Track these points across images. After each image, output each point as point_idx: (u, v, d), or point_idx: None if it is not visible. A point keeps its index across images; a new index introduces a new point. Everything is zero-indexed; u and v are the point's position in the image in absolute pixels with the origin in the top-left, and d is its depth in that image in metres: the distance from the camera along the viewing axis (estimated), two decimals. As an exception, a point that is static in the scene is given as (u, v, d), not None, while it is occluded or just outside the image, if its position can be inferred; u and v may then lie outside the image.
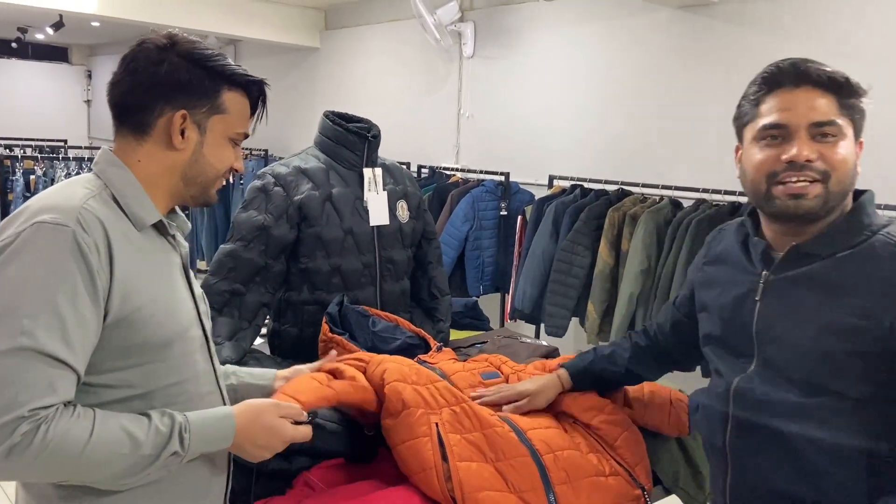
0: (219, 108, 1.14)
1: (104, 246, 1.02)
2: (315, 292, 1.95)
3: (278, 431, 1.17)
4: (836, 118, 1.16)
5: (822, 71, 1.18)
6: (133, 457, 1.00)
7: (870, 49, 3.16)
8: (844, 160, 1.15)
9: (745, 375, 1.23)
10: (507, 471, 1.38)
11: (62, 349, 0.96)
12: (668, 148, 3.97)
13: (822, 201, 1.15)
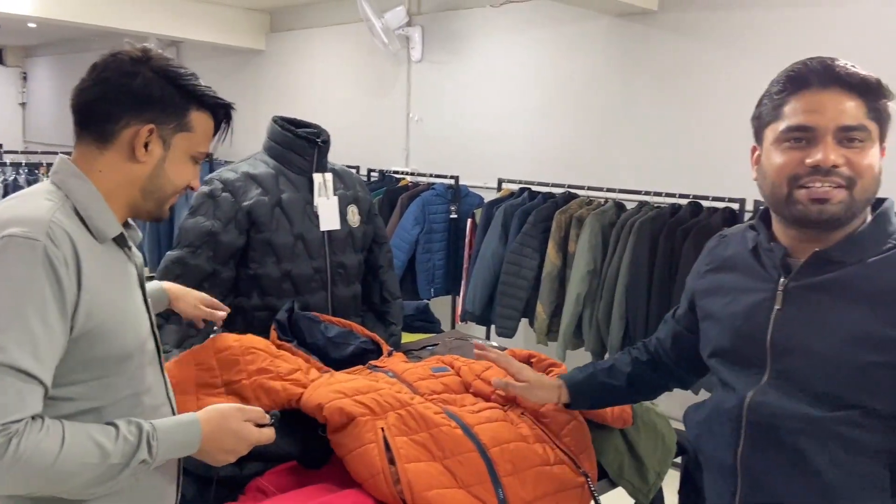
0: (185, 126, 1.15)
1: (73, 260, 1.02)
2: (265, 298, 1.95)
3: (244, 435, 1.18)
4: (865, 122, 1.10)
5: (852, 72, 1.11)
6: (102, 466, 1.01)
7: (801, 56, 3.30)
8: (871, 167, 1.10)
9: (760, 388, 1.17)
10: (454, 467, 1.41)
11: (32, 363, 0.96)
12: (611, 151, 4.07)
13: (845, 207, 1.10)
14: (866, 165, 1.10)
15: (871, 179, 1.11)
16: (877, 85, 1.12)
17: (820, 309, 1.13)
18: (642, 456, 1.72)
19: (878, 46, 3.10)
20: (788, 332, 1.15)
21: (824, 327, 1.11)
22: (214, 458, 1.17)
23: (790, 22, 3.34)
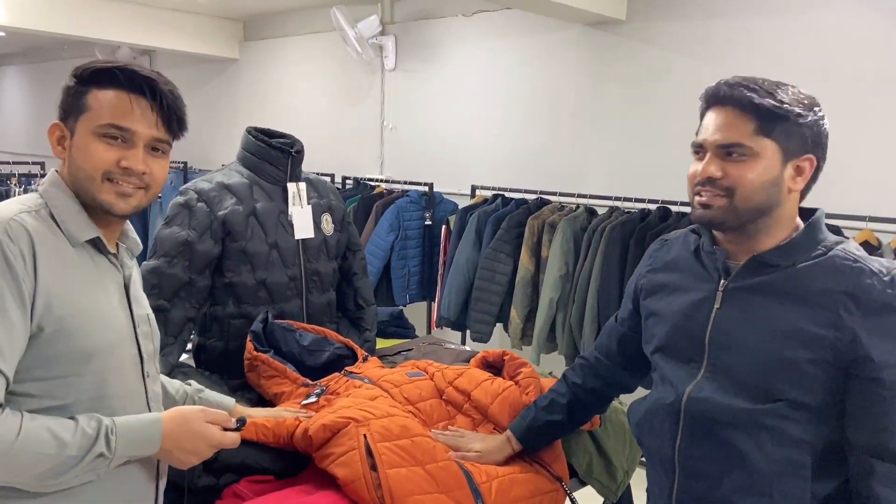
0: (82, 108, 1.15)
1: (30, 255, 1.05)
2: (241, 306, 1.98)
3: (206, 436, 1.20)
4: (747, 141, 1.18)
5: (745, 95, 1.20)
6: (59, 457, 1.03)
7: (764, 67, 3.41)
8: (749, 179, 1.18)
9: (697, 383, 1.24)
10: (435, 472, 1.44)
11: None
12: (582, 158, 4.14)
13: (726, 213, 1.21)
14: (745, 177, 1.19)
15: (753, 190, 1.19)
16: (770, 107, 1.19)
17: (755, 308, 1.21)
18: (610, 455, 1.77)
19: (838, 55, 3.20)
20: (725, 329, 1.24)
21: (758, 325, 1.20)
22: (176, 458, 1.19)
23: (752, 31, 3.44)
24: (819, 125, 1.24)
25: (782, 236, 1.23)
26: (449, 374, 1.77)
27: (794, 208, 1.25)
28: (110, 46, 6.87)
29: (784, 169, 1.21)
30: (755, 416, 1.17)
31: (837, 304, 1.15)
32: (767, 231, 1.23)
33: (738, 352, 1.21)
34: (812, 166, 1.23)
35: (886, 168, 3.09)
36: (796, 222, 1.25)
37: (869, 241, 2.91)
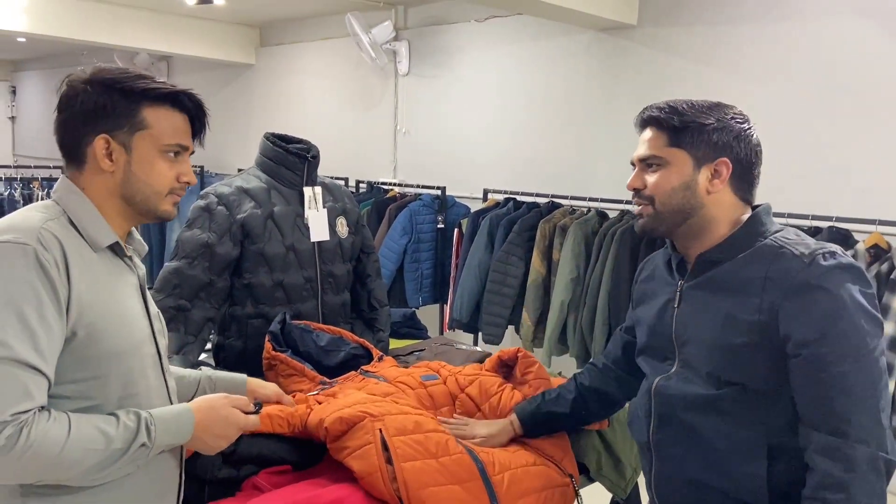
0: (140, 125, 1.18)
1: (62, 262, 1.10)
2: (259, 306, 2.04)
3: (232, 420, 1.27)
4: (659, 153, 1.34)
5: (654, 115, 1.35)
6: (106, 451, 1.09)
7: (777, 73, 3.43)
8: (660, 185, 1.33)
9: (664, 375, 1.36)
10: (448, 464, 1.49)
11: (35, 357, 1.04)
12: (593, 162, 4.18)
13: (654, 220, 1.35)
14: (659, 185, 1.33)
15: (666, 194, 1.33)
16: (674, 122, 1.32)
17: (703, 303, 1.33)
18: (619, 454, 1.81)
19: (848, 61, 3.22)
20: (683, 325, 1.35)
21: (706, 318, 1.31)
22: (206, 444, 1.25)
23: (762, 37, 3.47)
24: (729, 131, 1.33)
25: (723, 233, 1.33)
26: (461, 380, 1.82)
27: (723, 208, 1.34)
28: (128, 53, 7.00)
29: (697, 173, 1.33)
30: (710, 401, 1.27)
31: (760, 288, 1.24)
32: (705, 231, 1.34)
33: (694, 344, 1.32)
34: (728, 168, 1.33)
35: (895, 171, 3.12)
36: (740, 220, 1.34)
37: (878, 244, 2.93)
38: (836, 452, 1.15)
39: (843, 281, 1.19)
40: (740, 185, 1.35)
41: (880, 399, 1.16)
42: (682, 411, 1.32)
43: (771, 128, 3.39)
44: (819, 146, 3.33)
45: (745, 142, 1.34)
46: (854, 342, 1.17)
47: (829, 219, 3.04)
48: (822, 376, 1.17)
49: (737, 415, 1.25)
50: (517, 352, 1.89)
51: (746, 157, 1.34)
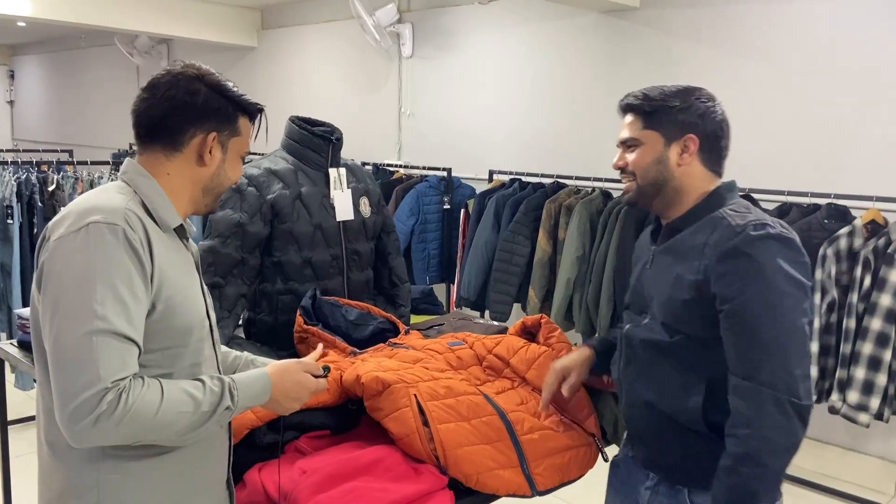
0: (237, 131, 1.35)
1: (145, 240, 1.20)
2: (288, 283, 2.13)
3: (304, 383, 1.37)
4: (636, 135, 1.53)
5: (631, 102, 1.54)
6: (196, 414, 1.18)
7: (778, 53, 3.52)
8: (638, 163, 1.52)
9: (634, 324, 1.58)
10: (479, 426, 1.60)
11: (128, 328, 1.13)
12: (597, 142, 4.27)
13: (636, 193, 1.55)
14: (637, 162, 1.53)
15: (644, 169, 1.52)
16: (647, 108, 1.50)
17: (665, 265, 1.52)
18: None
19: (849, 41, 3.31)
20: (650, 284, 1.55)
21: (664, 278, 1.50)
22: (282, 405, 1.35)
23: (763, 17, 3.55)
24: (694, 109, 1.50)
25: (690, 205, 1.51)
26: (488, 342, 1.92)
27: (693, 179, 1.51)
28: (129, 36, 7.02)
29: (668, 149, 1.50)
30: (664, 346, 1.49)
31: (700, 253, 1.43)
32: (675, 202, 1.53)
33: (657, 300, 1.52)
34: (695, 143, 1.50)
35: (892, 149, 3.21)
36: (707, 191, 1.52)
37: (875, 219, 3.04)
38: (747, 393, 1.33)
39: (768, 248, 1.35)
40: (709, 157, 1.52)
41: (792, 351, 1.33)
42: (643, 353, 1.54)
43: (773, 107, 3.49)
44: (819, 125, 3.42)
45: (709, 118, 1.50)
46: (770, 301, 1.34)
47: (828, 196, 3.15)
48: (739, 328, 1.36)
49: (683, 358, 1.47)
50: (540, 318, 2.00)
51: (713, 132, 1.51)
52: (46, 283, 1.16)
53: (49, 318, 1.14)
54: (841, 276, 3.03)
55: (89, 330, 1.10)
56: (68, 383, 1.10)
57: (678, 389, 1.48)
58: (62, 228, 1.17)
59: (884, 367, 2.89)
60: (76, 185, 3.85)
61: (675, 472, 1.53)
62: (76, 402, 1.08)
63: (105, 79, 8.27)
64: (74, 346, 1.10)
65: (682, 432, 1.49)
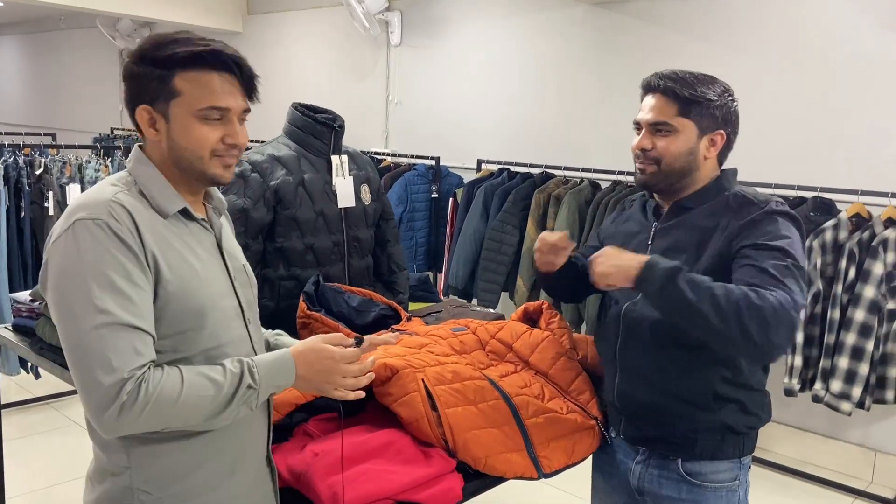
0: (172, 92, 1.20)
1: (134, 229, 1.17)
2: (291, 269, 2.14)
3: (329, 354, 1.29)
4: (670, 120, 1.53)
5: (667, 85, 1.53)
6: (218, 397, 1.18)
7: (766, 46, 3.58)
8: (670, 151, 1.53)
9: (632, 301, 1.60)
10: (486, 410, 1.63)
11: (133, 318, 1.13)
12: (586, 133, 4.31)
13: (655, 177, 1.56)
14: (669, 150, 1.54)
15: (675, 158, 1.54)
16: (683, 94, 1.51)
17: (674, 240, 1.58)
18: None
19: (833, 35, 3.37)
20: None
21: (676, 253, 1.54)
22: (313, 382, 1.29)
23: (752, 11, 3.60)
24: (728, 107, 1.55)
25: (696, 188, 1.59)
26: (491, 328, 1.95)
27: (709, 171, 1.58)
28: (111, 18, 6.90)
29: (699, 141, 1.55)
30: (668, 323, 1.51)
31: (726, 224, 1.50)
32: (687, 187, 1.58)
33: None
34: (723, 139, 1.56)
35: (876, 144, 3.29)
36: (710, 177, 1.59)
37: (860, 213, 3.11)
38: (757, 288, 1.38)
39: (784, 217, 1.48)
40: (724, 151, 1.59)
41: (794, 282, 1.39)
42: (645, 331, 1.58)
43: (760, 100, 3.55)
44: (805, 118, 3.49)
45: (734, 115, 1.57)
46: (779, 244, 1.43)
47: (814, 189, 3.22)
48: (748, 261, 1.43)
49: (686, 336, 1.48)
50: (542, 304, 2.03)
51: (734, 129, 1.58)
52: (48, 286, 1.17)
53: (57, 318, 1.15)
54: (826, 268, 3.10)
55: (94, 325, 1.10)
56: (86, 378, 1.10)
57: (686, 366, 1.53)
58: (57, 229, 1.18)
59: (866, 357, 2.97)
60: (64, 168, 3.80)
61: (670, 445, 1.60)
62: (97, 394, 1.09)
63: (86, 61, 8.14)
64: (84, 342, 1.10)
65: (682, 407, 1.56)
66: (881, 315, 2.97)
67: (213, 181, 1.29)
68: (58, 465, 3.30)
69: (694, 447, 1.58)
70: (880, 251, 2.94)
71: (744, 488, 1.63)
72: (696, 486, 1.59)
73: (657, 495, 1.64)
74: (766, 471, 3.48)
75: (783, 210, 1.50)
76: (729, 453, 1.58)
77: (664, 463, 1.62)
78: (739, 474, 1.61)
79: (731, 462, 1.59)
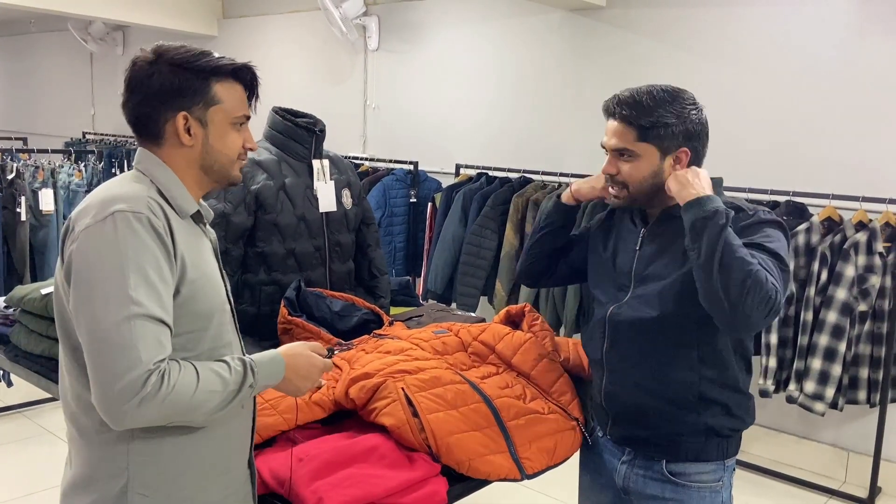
0: (213, 100, 1.28)
1: (167, 227, 1.21)
2: (272, 273, 2.13)
3: (313, 361, 1.37)
4: (629, 146, 1.56)
5: (623, 112, 1.55)
6: (224, 393, 1.20)
7: (739, 54, 3.64)
8: (634, 176, 1.57)
9: (618, 303, 1.63)
10: (468, 414, 1.63)
11: (161, 312, 1.15)
12: (563, 138, 4.34)
13: (628, 200, 1.61)
14: (633, 175, 1.57)
15: (640, 182, 1.57)
16: (643, 122, 1.53)
17: (662, 246, 1.61)
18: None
19: (805, 43, 3.44)
20: (644, 264, 1.63)
21: (665, 257, 1.59)
22: (294, 385, 1.35)
23: (727, 19, 3.67)
24: (689, 122, 1.57)
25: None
26: (473, 330, 1.96)
27: None
28: (82, 21, 6.82)
29: (663, 161, 1.57)
30: (657, 323, 1.56)
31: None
32: (665, 199, 1.60)
33: (653, 279, 1.59)
34: (688, 155, 1.58)
35: (847, 149, 3.36)
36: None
37: (832, 217, 3.18)
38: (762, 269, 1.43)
39: (773, 226, 1.53)
40: (695, 161, 1.61)
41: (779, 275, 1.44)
42: (632, 332, 1.60)
43: (733, 106, 3.61)
44: (778, 124, 3.55)
45: (699, 128, 1.59)
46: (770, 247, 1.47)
47: (787, 193, 3.28)
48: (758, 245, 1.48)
49: (674, 335, 1.55)
50: (524, 307, 2.05)
51: (700, 141, 1.60)
52: (77, 273, 1.16)
53: (83, 306, 1.15)
54: (799, 271, 3.16)
55: (127, 315, 1.11)
56: (110, 367, 1.11)
57: (670, 367, 1.57)
58: (88, 218, 1.17)
59: (839, 358, 3.03)
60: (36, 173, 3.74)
61: (655, 447, 1.63)
62: (120, 384, 1.10)
63: (57, 65, 8.01)
64: (114, 331, 1.11)
65: (668, 409, 1.59)
66: (853, 317, 3.03)
67: (233, 182, 1.39)
68: (32, 474, 3.24)
69: (678, 449, 1.61)
70: (851, 254, 3.01)
71: (728, 490, 1.66)
72: (680, 486, 1.62)
73: (642, 495, 1.66)
74: (742, 471, 3.53)
75: (771, 219, 1.54)
76: (713, 455, 1.61)
77: (649, 463, 1.64)
78: (723, 476, 1.64)
79: (715, 464, 1.62)
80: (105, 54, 7.21)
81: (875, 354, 3.11)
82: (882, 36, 3.25)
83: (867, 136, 3.30)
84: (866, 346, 3.11)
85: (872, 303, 3.06)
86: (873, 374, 3.12)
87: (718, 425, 1.59)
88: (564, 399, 1.81)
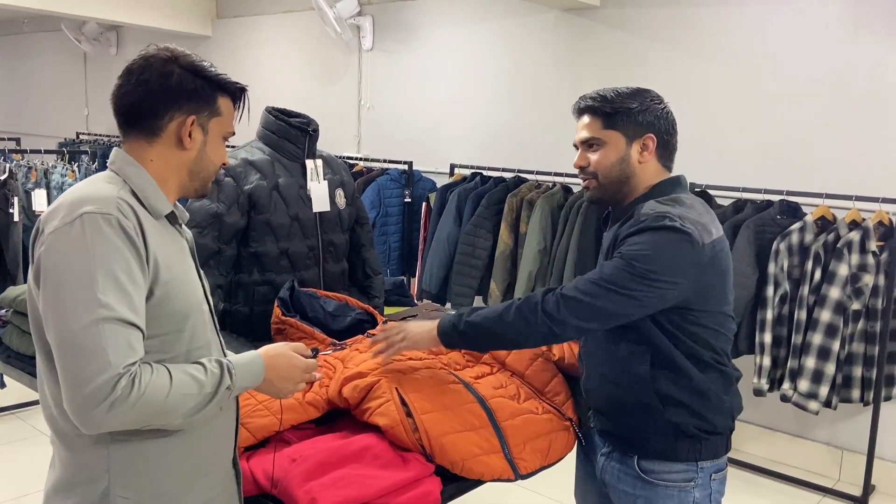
0: (216, 111, 1.32)
1: (139, 228, 1.19)
2: (265, 274, 2.13)
3: (295, 362, 1.37)
4: (597, 134, 1.63)
5: (587, 105, 1.64)
6: (199, 395, 1.19)
7: (732, 54, 3.64)
8: (602, 163, 1.63)
9: None
10: (462, 414, 1.63)
11: (132, 314, 1.13)
12: (558, 138, 4.33)
13: (598, 191, 1.66)
14: (601, 162, 1.63)
15: (608, 169, 1.63)
16: (604, 110, 1.61)
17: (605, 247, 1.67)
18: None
19: (799, 44, 3.45)
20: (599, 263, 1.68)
21: (604, 257, 1.66)
22: (276, 386, 1.35)
23: (720, 19, 3.67)
24: (653, 111, 1.62)
25: (638, 195, 1.65)
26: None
27: (649, 175, 1.65)
28: (76, 21, 6.79)
29: (630, 148, 1.62)
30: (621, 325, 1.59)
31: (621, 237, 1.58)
32: (629, 196, 1.65)
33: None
34: (654, 141, 1.63)
35: (841, 148, 3.37)
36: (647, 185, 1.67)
37: (825, 216, 3.19)
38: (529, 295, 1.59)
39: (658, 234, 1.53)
40: (663, 153, 1.65)
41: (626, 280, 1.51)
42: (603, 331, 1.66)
43: (727, 106, 3.62)
44: (772, 124, 3.56)
45: (664, 118, 1.64)
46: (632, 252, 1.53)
47: (781, 192, 3.29)
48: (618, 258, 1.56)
49: (629, 331, 1.59)
50: None
51: (666, 131, 1.65)
52: (45, 276, 1.15)
53: (52, 310, 1.13)
54: (793, 270, 3.17)
55: (95, 318, 1.10)
56: (78, 371, 1.09)
57: (627, 361, 1.61)
58: (56, 221, 1.16)
59: (832, 357, 3.03)
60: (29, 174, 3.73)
61: (627, 442, 1.66)
62: (88, 388, 1.08)
63: (51, 65, 7.98)
64: (82, 335, 1.10)
65: (632, 404, 1.62)
66: (846, 315, 3.04)
67: (204, 194, 1.41)
68: (25, 475, 3.22)
69: (647, 446, 1.63)
70: (845, 253, 3.01)
71: (703, 491, 1.63)
72: (649, 484, 1.63)
73: (615, 488, 1.69)
74: (736, 470, 3.54)
75: (657, 226, 1.53)
76: (683, 456, 1.61)
77: (624, 458, 1.67)
78: (696, 477, 1.62)
79: (686, 465, 1.61)
80: (99, 54, 7.18)
81: (868, 353, 3.12)
82: (875, 36, 3.26)
83: (860, 136, 3.31)
84: (860, 345, 3.12)
85: (866, 301, 3.07)
86: (867, 372, 3.13)
87: (684, 424, 1.58)
88: (558, 399, 1.81)
